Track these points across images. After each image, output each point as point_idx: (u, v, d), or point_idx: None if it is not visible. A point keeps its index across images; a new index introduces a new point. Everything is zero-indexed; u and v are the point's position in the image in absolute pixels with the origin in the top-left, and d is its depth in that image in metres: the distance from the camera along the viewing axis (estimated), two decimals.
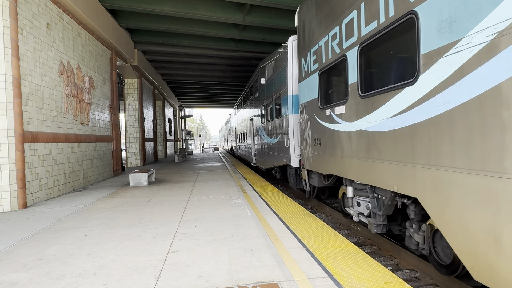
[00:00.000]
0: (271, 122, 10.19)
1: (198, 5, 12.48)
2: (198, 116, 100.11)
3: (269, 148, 10.70)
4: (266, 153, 11.26)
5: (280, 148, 8.92)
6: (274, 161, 9.95)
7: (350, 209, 5.24)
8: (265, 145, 11.48)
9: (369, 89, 4.11)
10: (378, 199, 4.36)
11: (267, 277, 2.93)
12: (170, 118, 30.45)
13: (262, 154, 12.20)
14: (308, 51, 6.42)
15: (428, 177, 3.05)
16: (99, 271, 3.21)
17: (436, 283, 3.95)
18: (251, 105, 14.98)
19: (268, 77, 10.67)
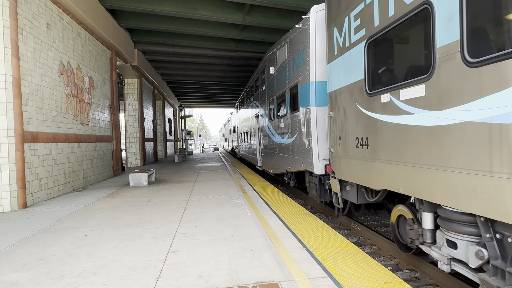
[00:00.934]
0: (283, 118, 8.46)
1: (198, 5, 12.47)
2: (198, 116, 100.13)
3: (280, 149, 9.05)
4: (276, 156, 9.56)
5: (297, 149, 7.32)
6: (287, 165, 8.32)
7: (432, 250, 3.38)
8: (274, 146, 9.79)
9: (487, 51, 2.50)
10: (504, 243, 2.61)
11: (267, 277, 2.93)
12: (170, 118, 30.45)
13: (271, 156, 10.47)
14: (346, 16, 4.72)
15: None
16: (99, 271, 3.21)
17: (436, 283, 3.95)
18: (257, 100, 13.11)
19: (279, 64, 8.93)
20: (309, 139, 6.47)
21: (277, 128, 9.34)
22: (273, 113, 9.77)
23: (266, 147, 11.39)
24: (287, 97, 7.97)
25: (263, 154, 12.16)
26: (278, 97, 9.07)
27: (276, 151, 9.65)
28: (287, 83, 7.93)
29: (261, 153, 12.99)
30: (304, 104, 6.69)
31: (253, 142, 14.66)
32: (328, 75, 5.43)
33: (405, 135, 3.47)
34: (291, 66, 7.67)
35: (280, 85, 8.71)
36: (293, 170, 7.86)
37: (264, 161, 12.00)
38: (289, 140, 7.92)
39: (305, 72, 6.61)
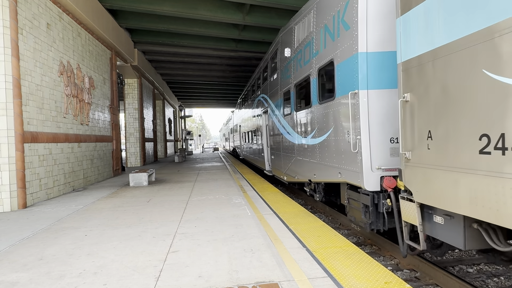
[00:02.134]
0: (306, 111, 6.57)
1: (198, 5, 12.48)
2: (198, 116, 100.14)
3: (300, 151, 7.14)
4: (294, 160, 7.65)
5: (331, 152, 5.44)
6: (310, 173, 6.49)
7: None
8: (290, 147, 7.91)
9: None
10: None
11: (267, 277, 2.93)
12: (170, 118, 30.46)
13: (285, 160, 8.54)
14: None
15: None
16: (99, 271, 3.21)
17: (436, 283, 3.95)
18: (265, 94, 11.06)
19: (299, 42, 7.05)
20: (356, 138, 4.46)
21: (295, 125, 7.41)
22: (290, 106, 7.74)
23: (277, 148, 9.42)
24: (314, 82, 6.04)
25: (273, 156, 10.11)
26: (297, 84, 7.16)
27: (292, 153, 7.74)
28: (313, 64, 6.04)
29: (270, 155, 10.82)
30: (347, 87, 4.73)
31: (260, 142, 12.74)
32: (404, 34, 3.51)
33: None
34: (320, 39, 5.78)
35: (301, 68, 6.79)
36: (321, 180, 5.93)
37: (275, 166, 9.96)
38: (316, 140, 6.05)
39: (349, 41, 4.67)
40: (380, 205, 4.29)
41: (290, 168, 8.15)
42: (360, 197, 4.60)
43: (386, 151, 4.35)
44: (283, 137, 8.69)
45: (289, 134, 8.03)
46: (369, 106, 4.38)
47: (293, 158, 7.73)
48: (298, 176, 7.51)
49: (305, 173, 6.93)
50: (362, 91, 4.40)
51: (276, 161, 9.76)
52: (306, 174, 6.83)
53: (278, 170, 9.63)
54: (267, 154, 11.56)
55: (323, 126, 5.74)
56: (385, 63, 4.37)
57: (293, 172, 7.85)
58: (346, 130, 4.82)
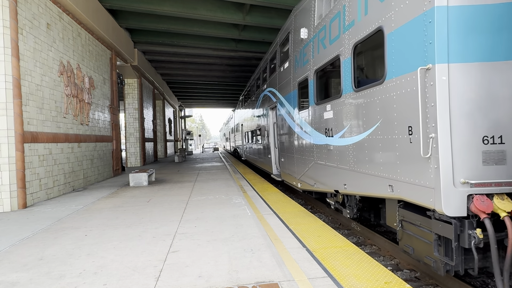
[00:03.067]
0: (333, 103, 5.19)
1: (198, 5, 12.48)
2: (198, 116, 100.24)
3: (322, 154, 5.80)
4: (312, 164, 6.31)
5: (375, 157, 4.07)
6: (340, 182, 5.11)
7: None
8: (308, 148, 6.53)
9: None
10: None
11: (267, 277, 2.93)
12: (170, 118, 30.47)
13: (299, 163, 7.20)
14: None
15: None
16: (99, 271, 3.21)
17: (436, 283, 3.95)
18: (273, 87, 9.57)
19: (322, 17, 5.79)
20: (429, 138, 3.11)
21: (315, 121, 5.99)
22: (308, 98, 6.35)
23: (289, 149, 7.97)
24: (346, 64, 4.64)
25: (283, 159, 8.65)
26: (319, 71, 5.76)
27: (310, 156, 6.33)
28: (345, 40, 4.63)
29: (278, 157, 9.41)
30: (410, 62, 3.35)
31: (265, 143, 11.29)
32: None
33: None
34: (356, 5, 4.40)
35: (325, 50, 5.41)
36: (356, 192, 4.62)
37: (285, 170, 8.48)
38: (348, 140, 4.66)
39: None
40: (465, 238, 2.95)
41: (307, 174, 6.64)
42: (431, 225, 3.25)
43: (476, 156, 2.97)
44: (297, 137, 7.25)
45: (305, 133, 6.62)
46: (450, 88, 2.99)
47: (312, 162, 6.29)
48: (318, 185, 6.03)
49: (329, 182, 5.53)
50: (440, 66, 2.98)
51: (287, 164, 8.24)
52: (331, 183, 5.42)
53: (289, 176, 8.13)
54: (274, 156, 10.09)
55: (361, 122, 4.29)
56: (478, 23, 2.97)
57: (311, 179, 6.42)
58: (408, 126, 3.39)
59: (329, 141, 5.43)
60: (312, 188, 6.54)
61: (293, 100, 7.38)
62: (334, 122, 5.18)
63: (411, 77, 3.32)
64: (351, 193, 4.87)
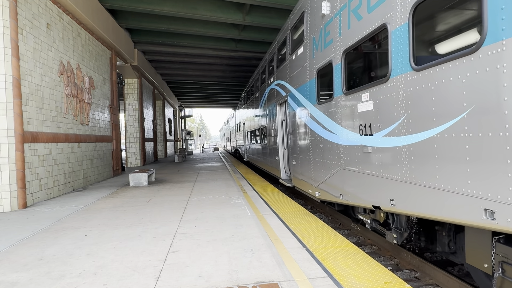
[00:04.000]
0: (374, 90, 3.98)
1: (198, 5, 12.48)
2: (198, 116, 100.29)
3: (353, 158, 4.56)
4: (339, 170, 5.07)
5: (453, 165, 2.81)
6: (384, 196, 3.89)
7: None
8: (332, 150, 5.27)
9: None
10: None
11: (267, 277, 2.93)
12: (170, 118, 30.47)
13: (319, 168, 5.90)
14: None
15: None
16: (99, 271, 3.21)
17: (436, 283, 3.95)
18: (282, 79, 8.32)
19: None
20: None
21: (343, 116, 4.78)
22: (332, 87, 5.12)
23: (303, 151, 6.78)
24: (398, 35, 3.50)
25: (295, 162, 7.43)
26: (350, 50, 4.54)
27: (335, 160, 5.15)
28: (396, 3, 3.50)
29: (288, 160, 8.25)
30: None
31: (272, 143, 10.16)
32: None
33: None
34: None
35: (359, 23, 4.29)
36: (413, 213, 3.41)
37: (298, 175, 7.28)
38: (404, 140, 3.44)
39: None
40: None
41: (329, 182, 5.45)
42: None
43: None
44: (314, 136, 6.03)
45: (327, 131, 5.39)
46: None
47: (337, 168, 5.08)
48: (346, 197, 4.83)
49: (364, 195, 4.29)
50: None
51: (300, 169, 7.02)
52: (368, 197, 4.20)
53: (303, 182, 6.91)
54: (283, 158, 8.95)
55: (428, 113, 3.07)
56: None
57: (336, 188, 5.19)
58: None
59: (366, 141, 4.13)
60: (336, 200, 5.20)
61: (310, 91, 6.19)
62: (376, 115, 3.89)
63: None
64: (404, 213, 3.57)
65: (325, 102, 5.44)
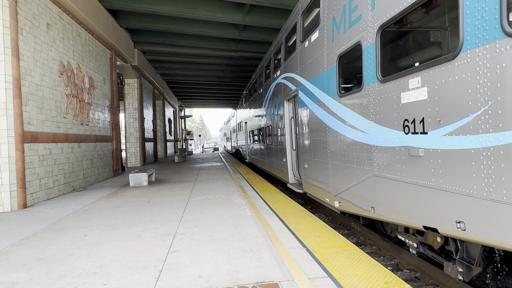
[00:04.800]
0: (428, 74, 3.00)
1: (198, 5, 12.48)
2: (198, 116, 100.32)
3: (390, 162, 3.65)
4: (369, 178, 4.14)
5: None
6: (447, 216, 2.87)
7: None
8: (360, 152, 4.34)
9: None
10: None
11: (267, 277, 2.93)
12: (170, 118, 30.48)
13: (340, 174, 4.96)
14: None
15: None
16: (99, 271, 3.21)
17: (436, 283, 3.95)
18: (292, 72, 7.33)
19: None
20: None
21: (380, 109, 3.80)
22: (361, 74, 4.16)
23: (318, 152, 5.85)
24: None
25: (308, 165, 6.51)
26: (389, 24, 3.64)
27: (365, 164, 4.20)
28: None
29: (298, 162, 7.31)
30: None
31: (278, 143, 9.30)
32: None
33: None
34: None
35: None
36: (499, 244, 2.46)
37: (311, 179, 6.33)
38: (489, 139, 2.46)
39: None
40: None
41: (354, 191, 4.50)
42: None
43: None
44: (335, 135, 5.03)
45: (353, 129, 4.42)
46: None
47: (367, 174, 4.14)
48: (381, 211, 3.87)
49: (412, 210, 3.32)
50: None
51: (314, 173, 6.10)
52: (419, 214, 3.23)
53: (317, 189, 5.99)
54: (291, 160, 8.14)
55: None
56: None
57: (365, 200, 4.23)
58: None
59: (415, 142, 3.18)
60: (365, 213, 4.27)
61: (328, 82, 5.24)
62: (433, 107, 2.97)
63: None
64: (480, 242, 2.64)
65: (349, 93, 4.48)
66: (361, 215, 4.50)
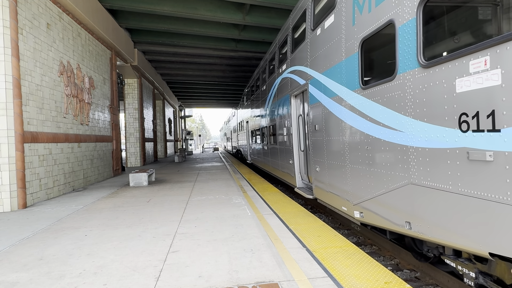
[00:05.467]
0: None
1: (198, 5, 12.48)
2: (198, 116, 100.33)
3: (437, 168, 2.88)
4: (405, 185, 3.32)
5: None
6: None
7: None
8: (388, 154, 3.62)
9: None
10: None
11: (267, 277, 2.93)
12: (170, 118, 30.47)
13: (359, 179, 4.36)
14: None
15: None
16: (99, 271, 3.21)
17: (436, 283, 3.95)
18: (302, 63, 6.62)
19: None
20: None
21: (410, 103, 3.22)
22: (397, 60, 3.40)
23: (333, 153, 5.16)
24: None
25: (320, 168, 5.80)
26: None
27: (397, 169, 3.49)
28: None
29: (311, 165, 6.37)
30: None
31: (284, 143, 8.59)
32: None
33: None
34: None
35: None
36: None
37: (325, 185, 5.61)
38: None
39: None
40: None
41: (382, 200, 3.80)
42: None
43: None
44: (356, 133, 4.33)
45: (382, 127, 3.70)
46: None
47: (401, 182, 3.43)
48: (422, 228, 3.14)
49: (472, 232, 2.59)
50: None
51: (328, 177, 5.43)
52: (483, 236, 2.49)
53: (332, 195, 5.32)
54: (298, 162, 7.51)
55: None
56: None
57: (397, 211, 3.52)
58: None
59: (479, 142, 2.45)
60: (397, 229, 3.53)
61: (347, 72, 4.53)
62: None
63: None
64: None
65: (377, 84, 3.76)
66: (391, 230, 3.73)
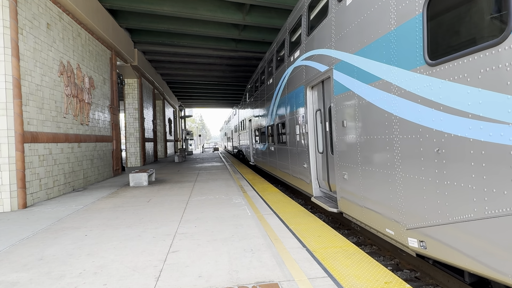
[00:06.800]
0: None
1: (198, 5, 12.48)
2: (198, 116, 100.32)
3: None
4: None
5: None
6: None
7: None
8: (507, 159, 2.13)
9: None
10: None
11: (267, 277, 2.93)
12: (170, 118, 30.47)
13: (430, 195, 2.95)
14: None
15: None
16: (99, 271, 3.21)
17: (436, 283, 3.95)
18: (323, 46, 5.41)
19: None
20: None
21: None
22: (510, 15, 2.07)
23: (371, 158, 4.01)
24: None
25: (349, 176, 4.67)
26: None
27: (502, 185, 2.19)
28: None
29: (335, 171, 5.20)
30: None
31: (296, 144, 7.40)
32: None
33: None
34: None
35: None
36: None
37: (357, 198, 4.42)
38: None
39: None
40: None
41: (465, 229, 2.59)
42: None
43: None
44: (415, 130, 3.16)
45: (470, 120, 2.49)
46: None
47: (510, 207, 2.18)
48: None
49: None
50: None
51: (363, 188, 4.25)
52: None
53: (369, 212, 4.15)
54: (315, 166, 6.40)
55: None
56: None
57: (498, 252, 2.30)
58: None
59: None
60: (497, 277, 2.35)
61: (399, 46, 3.38)
62: None
63: None
64: None
65: (465, 54, 2.52)
66: (484, 275, 2.48)
